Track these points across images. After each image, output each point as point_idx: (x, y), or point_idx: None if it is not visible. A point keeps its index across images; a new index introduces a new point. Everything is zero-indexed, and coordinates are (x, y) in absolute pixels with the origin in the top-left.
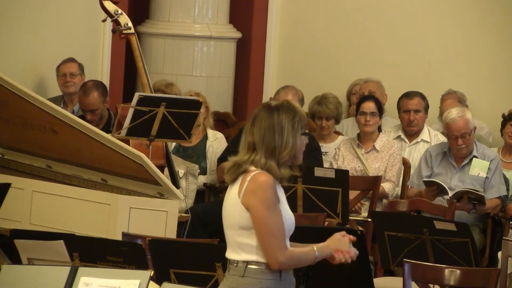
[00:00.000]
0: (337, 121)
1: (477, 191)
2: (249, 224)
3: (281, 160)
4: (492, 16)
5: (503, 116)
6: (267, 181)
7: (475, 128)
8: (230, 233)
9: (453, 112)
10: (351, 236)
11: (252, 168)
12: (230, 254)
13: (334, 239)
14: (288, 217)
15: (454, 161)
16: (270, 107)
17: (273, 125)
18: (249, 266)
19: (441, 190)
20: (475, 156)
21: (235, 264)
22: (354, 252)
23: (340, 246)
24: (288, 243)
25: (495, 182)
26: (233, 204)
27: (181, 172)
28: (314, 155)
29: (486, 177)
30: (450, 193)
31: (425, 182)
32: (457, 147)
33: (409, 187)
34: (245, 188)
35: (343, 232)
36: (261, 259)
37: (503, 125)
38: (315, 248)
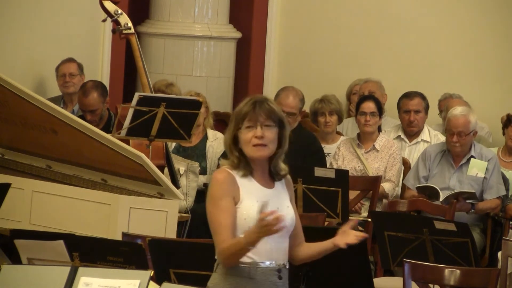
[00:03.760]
0: (340, 119)
1: (467, 191)
2: None
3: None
4: (492, 16)
5: (508, 116)
6: (215, 177)
7: (476, 132)
8: None
9: (458, 109)
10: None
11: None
12: None
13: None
14: (247, 213)
15: (453, 160)
16: None
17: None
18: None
19: (433, 195)
20: (472, 156)
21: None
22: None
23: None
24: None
25: (494, 182)
26: None
27: (181, 169)
28: (317, 156)
29: (484, 178)
30: (442, 197)
31: (417, 188)
32: (451, 143)
33: (406, 187)
34: None
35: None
36: None
37: (506, 125)
38: (241, 236)
